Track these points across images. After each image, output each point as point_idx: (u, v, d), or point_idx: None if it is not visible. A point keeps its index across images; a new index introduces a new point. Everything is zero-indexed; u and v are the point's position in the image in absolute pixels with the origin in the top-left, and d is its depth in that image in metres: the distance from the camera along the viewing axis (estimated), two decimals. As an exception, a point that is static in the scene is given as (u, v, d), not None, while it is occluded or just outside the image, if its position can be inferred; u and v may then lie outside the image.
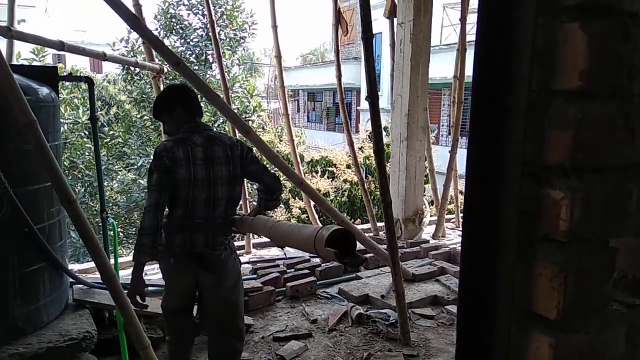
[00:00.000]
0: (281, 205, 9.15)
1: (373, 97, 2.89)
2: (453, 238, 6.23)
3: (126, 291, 2.47)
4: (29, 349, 2.51)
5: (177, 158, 2.32)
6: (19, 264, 2.56)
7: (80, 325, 2.75)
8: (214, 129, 2.65)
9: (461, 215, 6.97)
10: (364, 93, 20.24)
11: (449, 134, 16.10)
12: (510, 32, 0.60)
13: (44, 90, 2.75)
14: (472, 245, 0.66)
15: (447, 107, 16.72)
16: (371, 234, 5.98)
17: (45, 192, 2.71)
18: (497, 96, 0.62)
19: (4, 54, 2.45)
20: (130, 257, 5.46)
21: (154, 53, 4.51)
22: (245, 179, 2.69)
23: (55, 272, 2.81)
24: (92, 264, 5.00)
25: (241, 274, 2.66)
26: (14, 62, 5.05)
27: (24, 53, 8.04)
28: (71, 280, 3.13)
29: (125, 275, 4.71)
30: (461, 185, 7.99)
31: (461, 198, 7.89)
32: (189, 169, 2.33)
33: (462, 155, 7.31)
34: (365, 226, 6.63)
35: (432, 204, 7.26)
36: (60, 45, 3.43)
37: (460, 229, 5.88)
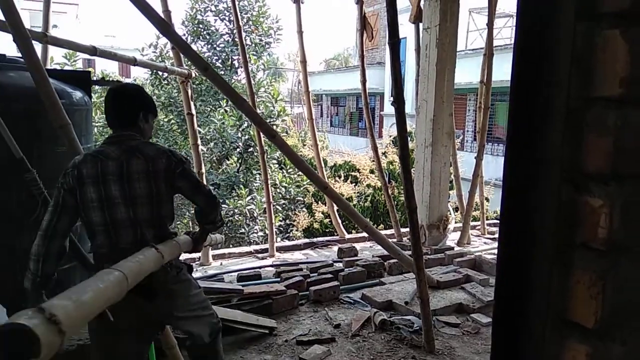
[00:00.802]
0: (304, 209, 9.18)
1: (399, 103, 2.89)
2: (478, 245, 6.15)
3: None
4: (60, 345, 2.58)
5: (84, 175, 1.98)
6: (52, 263, 2.64)
7: (109, 324, 2.81)
8: (150, 140, 2.22)
9: (487, 222, 6.87)
10: (387, 98, 20.13)
11: (474, 139, 15.90)
12: (548, 38, 0.60)
13: (78, 94, 2.84)
14: (508, 251, 0.65)
15: (473, 113, 16.53)
16: (394, 240, 5.95)
17: (78, 193, 2.79)
18: (535, 102, 0.62)
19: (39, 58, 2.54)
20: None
21: (183, 58, 4.60)
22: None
23: (86, 271, 2.88)
24: (119, 265, 5.11)
25: (195, 285, 2.33)
26: (48, 66, 5.22)
27: (56, 57, 8.30)
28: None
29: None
30: (487, 192, 7.89)
31: (487, 205, 7.78)
32: (98, 187, 1.98)
33: (487, 161, 7.24)
34: (388, 232, 6.60)
35: (457, 211, 7.18)
36: (93, 51, 3.53)
37: (486, 236, 5.81)
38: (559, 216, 0.60)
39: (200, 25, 9.30)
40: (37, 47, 3.91)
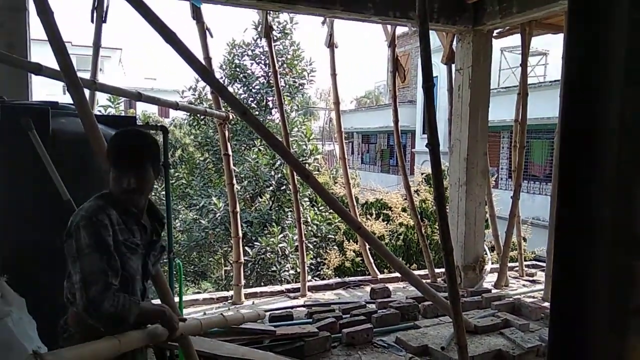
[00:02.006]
0: (335, 247, 9.12)
1: (434, 144, 2.90)
2: (517, 288, 5.94)
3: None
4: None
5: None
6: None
7: (144, 364, 2.82)
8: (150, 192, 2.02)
9: (525, 263, 6.65)
10: (418, 135, 20.08)
11: (509, 177, 15.61)
12: (595, 104, 0.61)
13: (124, 139, 2.97)
14: (561, 314, 0.64)
15: (507, 150, 16.29)
16: (428, 281, 5.82)
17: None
18: (585, 163, 0.62)
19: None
20: (190, 296, 5.62)
21: (221, 101, 4.77)
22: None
23: (124, 310, 2.94)
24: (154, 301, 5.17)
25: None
26: (95, 109, 5.51)
27: (101, 100, 8.75)
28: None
29: (187, 313, 4.84)
30: (524, 231, 7.66)
31: (524, 245, 7.55)
32: None
33: (524, 199, 7.04)
34: (422, 272, 6.47)
35: (493, 251, 6.99)
36: (138, 97, 3.71)
37: (525, 278, 5.61)
38: (613, 279, 0.60)
39: (237, 69, 9.65)
40: (86, 92, 4.16)
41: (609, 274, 0.61)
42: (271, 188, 9.03)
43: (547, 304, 5.18)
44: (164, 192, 8.74)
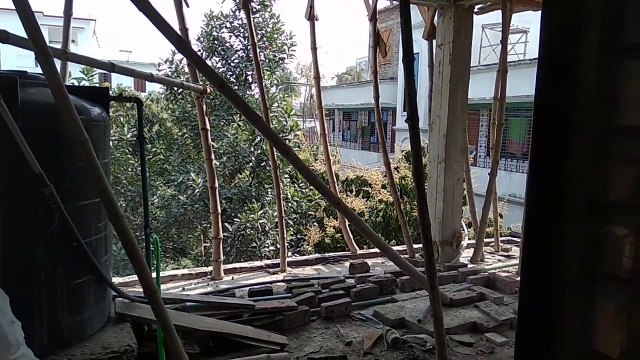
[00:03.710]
0: (315, 224, 9.16)
1: (413, 120, 2.88)
2: (492, 263, 6.07)
3: (167, 306, 2.51)
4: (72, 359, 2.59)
5: None
6: (67, 277, 2.67)
7: (121, 339, 2.82)
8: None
9: (500, 239, 6.79)
10: (399, 113, 20.12)
11: (487, 155, 15.82)
12: (572, 69, 0.60)
13: (96, 110, 2.88)
14: (531, 280, 0.65)
15: (485, 128, 16.46)
16: (407, 256, 5.91)
17: (94, 207, 2.82)
18: (560, 131, 0.62)
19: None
20: (169, 272, 5.59)
21: (198, 74, 4.66)
22: None
23: (99, 285, 2.91)
24: (132, 277, 5.14)
25: None
26: (67, 81, 5.33)
27: (74, 72, 8.46)
28: (114, 293, 3.22)
29: (165, 289, 4.82)
30: (500, 208, 7.81)
31: (500, 221, 7.70)
32: None
33: (501, 177, 7.15)
34: (400, 247, 6.55)
35: (470, 227, 7.12)
36: (111, 67, 3.59)
37: (500, 253, 5.73)
38: (584, 245, 0.60)
39: (216, 42, 9.43)
40: (57, 63, 4.01)
41: (580, 241, 0.61)
42: (251, 164, 8.96)
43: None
44: (139, 167, 8.65)
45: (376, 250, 6.63)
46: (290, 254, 7.88)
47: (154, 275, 3.13)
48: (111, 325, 3.02)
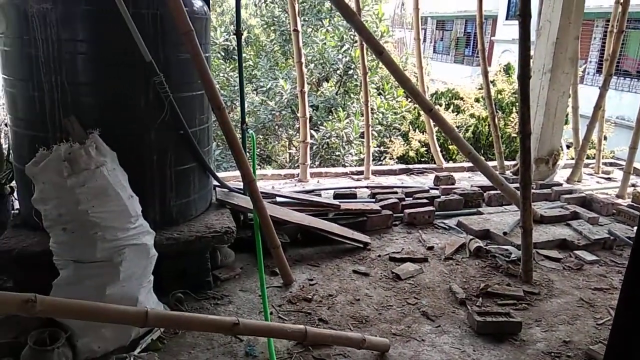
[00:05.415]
0: (399, 137, 9.02)
1: (525, 16, 2.64)
2: (591, 184, 5.71)
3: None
4: (181, 235, 2.91)
5: None
6: (175, 162, 2.91)
7: (222, 221, 3.09)
8: None
9: (602, 161, 6.31)
10: (500, 22, 18.39)
11: (597, 72, 14.25)
12: None
13: (199, 3, 2.94)
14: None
15: (599, 41, 14.68)
16: (497, 172, 5.71)
17: (198, 99, 2.98)
18: None
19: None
20: (259, 171, 5.89)
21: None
22: None
23: (203, 172, 3.15)
24: (227, 174, 5.51)
25: None
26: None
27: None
28: (215, 183, 3.48)
29: (260, 185, 5.13)
30: (606, 129, 7.14)
31: (604, 143, 7.09)
32: None
33: (610, 96, 6.47)
34: (490, 164, 6.33)
35: (569, 148, 6.65)
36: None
37: (600, 175, 5.35)
38: None
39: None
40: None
41: None
42: (338, 72, 8.83)
43: (620, 201, 4.98)
44: (231, 72, 8.86)
45: (462, 164, 6.47)
46: (373, 165, 7.92)
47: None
48: (213, 210, 3.31)
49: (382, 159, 9.17)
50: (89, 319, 1.96)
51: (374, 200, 4.56)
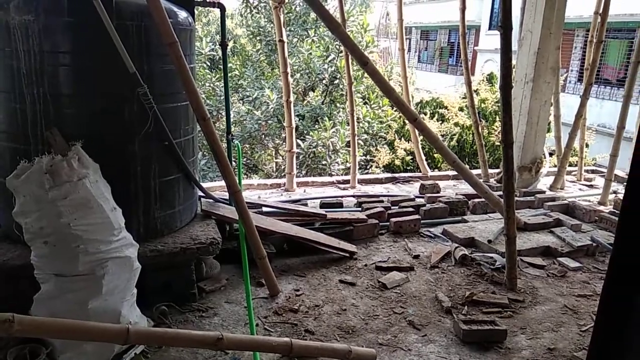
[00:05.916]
0: (385, 146, 9.08)
1: (506, 28, 2.69)
2: (573, 192, 5.80)
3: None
4: (166, 247, 2.88)
5: None
6: (160, 173, 2.89)
7: (207, 232, 3.07)
8: None
9: (584, 168, 6.42)
10: (483, 32, 18.65)
11: (578, 80, 14.52)
12: None
13: (183, 14, 2.94)
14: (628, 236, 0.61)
15: (579, 50, 14.99)
16: (481, 180, 5.77)
17: (182, 110, 2.97)
18: None
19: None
20: (245, 181, 5.88)
21: (277, -18, 4.55)
22: None
23: (188, 183, 3.13)
24: (212, 184, 5.48)
25: None
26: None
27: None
28: (200, 194, 3.46)
29: (245, 195, 5.10)
30: (587, 137, 7.26)
31: (586, 151, 7.23)
32: None
33: (591, 104, 6.57)
34: (475, 172, 6.40)
35: (552, 155, 6.76)
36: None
37: (582, 182, 5.43)
38: None
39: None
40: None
41: None
42: (324, 82, 8.88)
43: (602, 208, 5.06)
44: (216, 82, 8.85)
45: (447, 173, 6.53)
46: (359, 174, 7.94)
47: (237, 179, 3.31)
48: (198, 221, 3.29)
49: (368, 167, 9.20)
50: (69, 338, 1.93)
51: (360, 209, 4.58)
